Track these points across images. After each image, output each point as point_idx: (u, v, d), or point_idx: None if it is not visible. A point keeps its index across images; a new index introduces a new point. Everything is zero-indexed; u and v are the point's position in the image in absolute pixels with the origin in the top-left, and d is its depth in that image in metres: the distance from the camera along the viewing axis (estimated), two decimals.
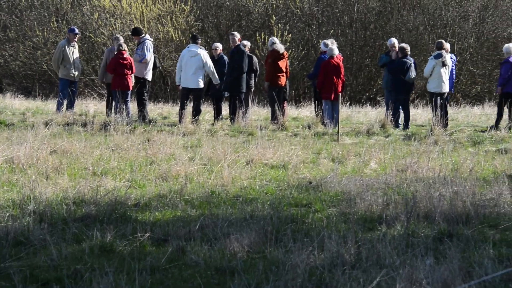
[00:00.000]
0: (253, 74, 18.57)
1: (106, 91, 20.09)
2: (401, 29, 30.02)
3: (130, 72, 17.93)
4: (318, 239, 7.22)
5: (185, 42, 29.28)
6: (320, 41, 20.20)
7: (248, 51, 18.82)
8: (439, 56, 17.67)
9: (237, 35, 18.57)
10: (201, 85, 17.90)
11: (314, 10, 30.09)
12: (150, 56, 18.18)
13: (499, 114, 17.92)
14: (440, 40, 18.94)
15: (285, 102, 18.58)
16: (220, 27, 30.55)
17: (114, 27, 28.61)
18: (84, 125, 16.34)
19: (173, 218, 8.38)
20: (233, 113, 17.78)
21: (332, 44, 18.48)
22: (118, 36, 19.63)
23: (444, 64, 17.64)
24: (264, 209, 8.74)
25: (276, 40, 18.85)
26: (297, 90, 29.36)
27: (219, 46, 19.09)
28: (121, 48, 17.92)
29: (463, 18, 30.20)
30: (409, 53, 18.13)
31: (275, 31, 28.73)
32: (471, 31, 30.03)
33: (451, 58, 18.17)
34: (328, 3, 30.31)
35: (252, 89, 18.84)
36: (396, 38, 27.72)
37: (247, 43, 19.15)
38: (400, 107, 17.97)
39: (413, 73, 17.88)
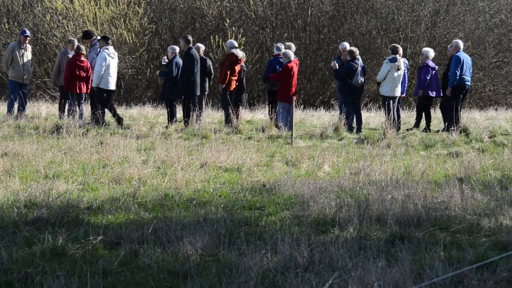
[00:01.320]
0: (207, 77, 18.56)
1: (59, 93, 19.89)
2: (354, 33, 30.25)
3: (85, 75, 17.79)
4: (271, 242, 7.24)
5: (138, 45, 29.17)
6: (274, 44, 20.25)
7: (202, 54, 18.82)
8: (394, 60, 17.85)
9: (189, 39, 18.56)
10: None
11: (268, 14, 30.18)
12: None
13: (422, 116, 18.26)
14: (395, 44, 19.15)
15: (240, 105, 18.62)
16: (174, 29, 30.45)
17: (67, 29, 28.35)
18: (36, 127, 16.16)
19: (126, 221, 8.33)
20: (187, 116, 17.76)
21: (289, 48, 18.55)
22: (73, 39, 19.45)
23: (398, 69, 17.83)
24: (217, 212, 8.73)
25: (235, 43, 18.85)
26: (251, 93, 29.40)
27: (201, 46, 19.05)
28: (79, 51, 17.79)
29: (415, 23, 30.56)
30: (357, 56, 18.25)
31: (229, 34, 28.74)
32: (423, 35, 30.40)
33: (404, 62, 18.38)
34: (282, 7, 30.42)
35: (206, 92, 18.83)
36: (349, 41, 27.94)
37: (201, 46, 19.14)
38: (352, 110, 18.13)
39: (360, 77, 17.99)
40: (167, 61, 18.31)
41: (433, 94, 18.43)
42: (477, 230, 8.17)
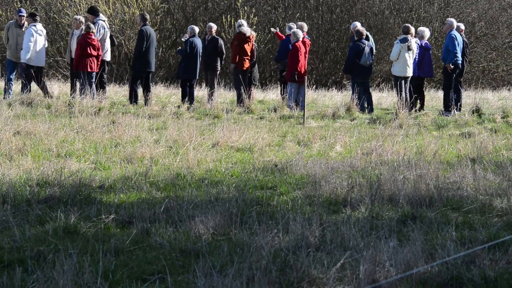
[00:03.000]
0: (218, 57, 18.55)
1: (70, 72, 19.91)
2: (366, 12, 30.12)
3: (96, 54, 17.79)
4: (283, 221, 7.25)
5: (150, 24, 29.12)
6: (286, 24, 20.18)
7: (214, 34, 18.80)
8: (405, 40, 17.77)
9: (214, 26, 18.76)
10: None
11: None
12: (99, 36, 17.94)
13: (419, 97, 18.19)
14: (406, 24, 19.05)
15: (252, 85, 18.60)
16: (186, 9, 30.39)
17: (79, 8, 28.33)
18: (49, 106, 16.19)
19: (138, 200, 8.35)
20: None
21: (301, 28, 18.49)
22: (78, 17, 19.38)
23: (409, 49, 17.74)
24: (229, 191, 8.74)
25: (244, 22, 18.84)
26: (263, 73, 29.35)
27: (213, 26, 19.05)
28: (89, 29, 17.77)
29: (428, 2, 30.39)
30: (364, 36, 18.14)
31: (241, 13, 28.65)
32: (436, 15, 30.23)
33: (416, 42, 18.28)
34: None
35: (218, 72, 18.82)
36: (361, 21, 27.79)
37: (213, 25, 19.12)
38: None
39: (368, 57, 17.90)
40: (187, 37, 18.33)
41: (424, 75, 18.33)
42: (489, 210, 8.15)
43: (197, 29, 18.81)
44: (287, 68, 18.02)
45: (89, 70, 17.70)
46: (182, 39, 18.71)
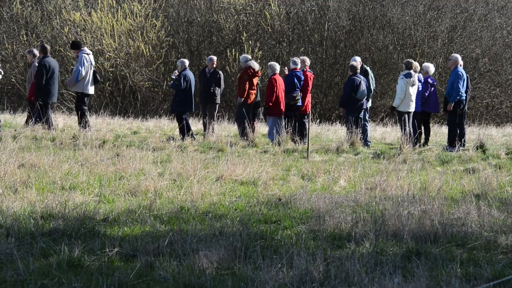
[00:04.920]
0: (218, 89, 18.64)
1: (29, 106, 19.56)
2: (371, 47, 30.27)
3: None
4: (287, 256, 7.23)
5: (155, 57, 29.29)
6: (291, 58, 20.29)
7: (215, 67, 18.92)
8: (409, 75, 17.83)
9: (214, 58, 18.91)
10: None
11: (284, 28, 30.25)
12: (83, 70, 18.00)
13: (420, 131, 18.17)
14: (409, 59, 19.12)
15: (256, 119, 18.68)
16: (191, 42, 30.58)
17: (85, 41, 28.52)
18: (53, 139, 16.23)
19: (142, 233, 8.34)
20: (182, 130, 17.91)
21: (303, 62, 18.58)
22: (33, 49, 19.46)
23: (413, 84, 17.81)
24: (233, 225, 8.72)
25: (250, 57, 18.95)
26: None
27: (215, 59, 19.18)
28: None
29: (432, 38, 30.54)
30: (359, 71, 18.23)
31: (245, 47, 28.83)
32: (440, 51, 30.36)
33: (419, 78, 18.33)
34: (299, 21, 30.49)
35: (217, 104, 18.87)
36: (365, 56, 27.93)
37: (214, 58, 19.24)
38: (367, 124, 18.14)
39: (364, 91, 17.95)
40: (177, 74, 18.41)
41: (429, 110, 18.39)
42: (494, 247, 8.12)
43: (187, 62, 19.00)
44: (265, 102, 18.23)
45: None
46: (172, 76, 18.79)
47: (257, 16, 30.30)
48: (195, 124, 21.74)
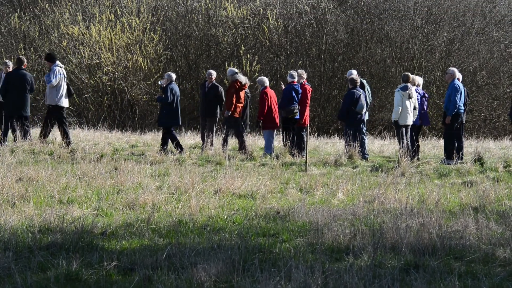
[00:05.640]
0: (218, 104, 18.69)
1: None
2: (369, 61, 30.33)
3: None
4: (286, 269, 7.22)
5: (153, 71, 29.34)
6: (288, 71, 20.33)
7: (214, 81, 18.97)
8: (405, 88, 17.87)
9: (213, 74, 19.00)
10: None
11: (282, 41, 30.32)
12: (56, 82, 18.00)
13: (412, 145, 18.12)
14: (406, 73, 19.16)
15: (244, 132, 18.77)
16: (189, 56, 30.63)
17: (83, 54, 28.57)
18: (51, 153, 16.23)
19: (140, 247, 8.33)
20: (163, 143, 18.02)
21: (300, 76, 18.62)
22: (7, 61, 19.49)
23: (410, 97, 17.84)
24: (231, 238, 8.72)
25: (236, 70, 19.02)
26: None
27: (213, 73, 19.22)
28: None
29: (430, 52, 30.62)
30: (359, 84, 18.26)
31: (244, 61, 28.88)
32: (437, 65, 30.43)
33: (417, 91, 18.35)
34: (297, 35, 30.57)
35: (217, 118, 18.91)
36: (363, 70, 27.98)
37: (213, 72, 19.28)
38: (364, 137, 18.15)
39: (363, 104, 17.98)
40: (164, 85, 18.47)
41: (417, 123, 18.34)
42: (492, 260, 8.12)
43: (174, 75, 19.09)
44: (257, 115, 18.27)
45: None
46: (159, 83, 18.87)
47: (255, 29, 30.38)
48: (193, 138, 21.74)
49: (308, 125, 17.97)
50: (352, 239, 8.69)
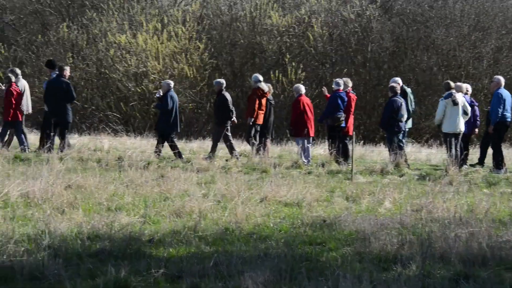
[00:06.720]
0: (228, 112, 18.64)
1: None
2: (415, 69, 30.11)
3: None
4: (333, 278, 7.19)
5: (199, 79, 29.48)
6: (334, 79, 20.27)
7: (224, 90, 18.93)
8: (449, 96, 17.68)
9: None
10: None
11: (327, 49, 30.25)
12: None
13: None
14: (447, 81, 18.98)
15: (266, 138, 18.80)
16: (234, 64, 30.72)
17: (129, 63, 28.82)
18: (99, 160, 16.39)
19: (187, 254, 8.36)
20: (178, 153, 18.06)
21: (346, 84, 18.54)
22: (15, 68, 19.72)
23: (455, 103, 17.58)
24: (278, 247, 8.71)
25: (261, 77, 19.03)
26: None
27: (171, 83, 19.31)
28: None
29: (477, 59, 30.28)
30: (399, 92, 18.12)
31: (288, 69, 28.87)
32: (485, 72, 30.08)
33: (464, 97, 18.12)
34: (342, 42, 30.48)
35: (227, 126, 18.77)
36: (409, 77, 27.75)
37: (223, 82, 19.18)
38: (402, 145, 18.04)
39: (404, 112, 17.86)
40: (161, 94, 18.59)
41: (467, 130, 18.09)
42: None
43: (172, 83, 19.17)
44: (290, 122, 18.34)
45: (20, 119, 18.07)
46: (157, 95, 19.00)
47: (300, 37, 30.36)
48: (239, 145, 21.78)
49: (354, 134, 17.86)
50: (400, 248, 8.61)
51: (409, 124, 18.81)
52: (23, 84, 18.69)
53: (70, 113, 18.30)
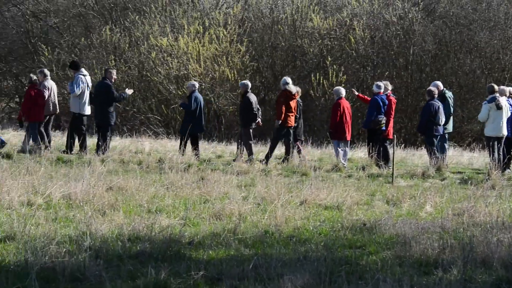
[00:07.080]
0: (253, 113, 18.63)
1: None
2: (457, 72, 29.83)
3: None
4: (373, 282, 7.16)
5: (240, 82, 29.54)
6: (374, 82, 20.18)
7: (250, 91, 18.95)
8: (493, 99, 17.50)
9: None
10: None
11: (369, 52, 30.11)
12: (79, 91, 18.20)
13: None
14: (490, 84, 18.76)
15: (298, 140, 18.76)
16: (275, 67, 30.72)
17: (171, 66, 28.98)
18: (139, 162, 16.51)
19: (226, 257, 8.38)
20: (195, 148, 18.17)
21: (385, 87, 18.44)
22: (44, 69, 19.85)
23: (498, 107, 17.40)
24: (317, 250, 8.69)
25: (289, 80, 18.97)
26: (351, 131, 29.28)
27: (196, 84, 19.31)
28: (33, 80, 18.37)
29: None
30: (437, 95, 17.97)
31: (330, 72, 28.79)
32: None
33: (508, 100, 17.91)
34: (384, 45, 30.32)
35: (251, 127, 18.75)
36: (452, 81, 27.49)
37: (248, 83, 19.18)
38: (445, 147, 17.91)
39: (442, 115, 17.72)
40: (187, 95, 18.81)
41: (510, 134, 17.85)
42: None
43: (197, 84, 19.24)
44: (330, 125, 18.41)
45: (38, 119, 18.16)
46: (180, 102, 19.15)
47: (341, 40, 30.26)
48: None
49: (394, 137, 17.75)
50: (441, 252, 8.54)
51: (450, 127, 18.65)
52: (51, 84, 18.90)
53: (112, 115, 18.45)
